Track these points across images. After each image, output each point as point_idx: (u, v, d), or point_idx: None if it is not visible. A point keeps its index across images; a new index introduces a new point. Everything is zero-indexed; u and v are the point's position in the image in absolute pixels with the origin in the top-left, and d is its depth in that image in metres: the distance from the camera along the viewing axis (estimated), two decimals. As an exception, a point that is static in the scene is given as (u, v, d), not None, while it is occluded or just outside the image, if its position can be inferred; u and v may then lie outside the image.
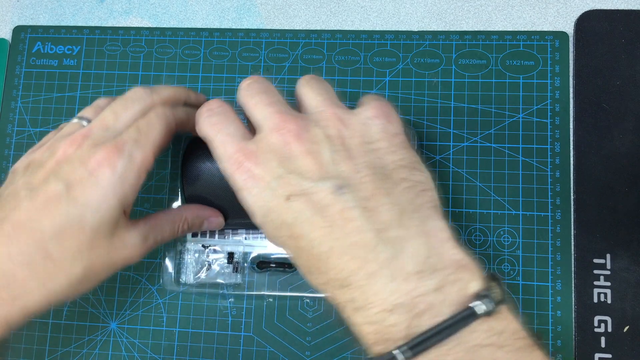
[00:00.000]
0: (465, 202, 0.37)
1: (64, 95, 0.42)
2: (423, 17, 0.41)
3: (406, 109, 0.39)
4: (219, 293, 0.37)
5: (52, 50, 0.43)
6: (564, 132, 0.38)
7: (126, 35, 0.42)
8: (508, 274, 0.36)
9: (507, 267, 0.36)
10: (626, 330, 0.35)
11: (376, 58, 0.40)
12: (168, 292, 0.38)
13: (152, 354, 0.38)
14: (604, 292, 0.35)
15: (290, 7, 0.42)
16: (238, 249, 0.37)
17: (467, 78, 0.39)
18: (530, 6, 0.40)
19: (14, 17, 0.44)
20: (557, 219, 0.37)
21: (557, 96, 0.38)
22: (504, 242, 0.37)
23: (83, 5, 0.44)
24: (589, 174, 0.37)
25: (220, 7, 0.43)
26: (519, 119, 0.38)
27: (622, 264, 0.35)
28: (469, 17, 0.40)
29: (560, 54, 0.39)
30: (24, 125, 0.42)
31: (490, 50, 0.39)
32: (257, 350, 0.37)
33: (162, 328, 0.38)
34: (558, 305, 0.36)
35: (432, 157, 0.38)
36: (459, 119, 0.38)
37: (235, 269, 0.37)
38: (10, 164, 0.41)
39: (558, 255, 0.36)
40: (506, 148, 0.38)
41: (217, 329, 0.38)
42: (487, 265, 0.37)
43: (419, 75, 0.39)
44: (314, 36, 0.41)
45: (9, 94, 0.42)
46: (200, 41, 0.42)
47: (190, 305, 0.38)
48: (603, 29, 0.38)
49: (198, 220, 0.32)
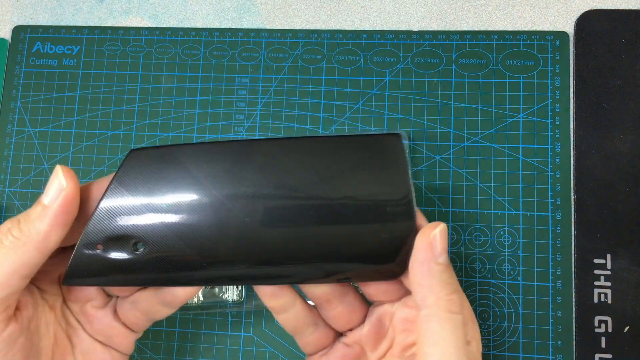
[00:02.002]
0: (466, 202, 0.37)
1: (63, 95, 0.42)
2: (423, 17, 0.40)
3: (406, 109, 0.39)
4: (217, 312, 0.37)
5: (51, 50, 0.43)
6: (565, 132, 0.38)
7: (126, 35, 0.42)
8: (508, 274, 0.36)
9: (507, 267, 0.36)
10: (626, 330, 0.35)
11: (376, 58, 0.40)
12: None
13: (152, 354, 0.38)
14: (604, 292, 0.35)
15: (290, 6, 0.42)
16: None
17: (467, 78, 0.39)
18: (531, 6, 0.40)
19: (13, 17, 0.44)
20: (557, 219, 0.37)
21: (557, 96, 0.38)
22: (505, 242, 0.37)
23: (83, 5, 0.44)
24: (589, 174, 0.37)
25: (220, 7, 0.43)
26: (519, 118, 0.38)
27: (623, 264, 0.35)
28: (469, 16, 0.40)
29: (560, 54, 0.39)
30: (24, 125, 0.42)
31: (491, 50, 0.39)
32: (257, 351, 0.37)
33: (162, 328, 0.38)
34: (558, 305, 0.36)
35: (432, 157, 0.38)
36: (459, 118, 0.38)
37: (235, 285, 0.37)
38: (10, 164, 0.41)
39: (558, 255, 0.36)
40: (506, 148, 0.38)
41: (217, 329, 0.38)
42: (487, 265, 0.37)
43: (419, 75, 0.39)
44: (314, 36, 0.41)
45: (8, 93, 0.42)
46: (200, 41, 0.42)
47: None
48: (603, 28, 0.38)
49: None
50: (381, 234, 0.25)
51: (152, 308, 0.28)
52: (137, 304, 0.28)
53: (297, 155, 0.26)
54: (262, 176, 0.25)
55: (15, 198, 0.41)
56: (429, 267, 0.23)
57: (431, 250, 0.23)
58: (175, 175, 0.25)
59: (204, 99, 0.41)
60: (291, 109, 0.40)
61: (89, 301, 0.28)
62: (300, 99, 0.40)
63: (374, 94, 0.39)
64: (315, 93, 0.40)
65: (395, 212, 0.25)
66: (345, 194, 0.25)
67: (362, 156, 0.26)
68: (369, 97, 0.39)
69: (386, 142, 0.26)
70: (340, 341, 0.28)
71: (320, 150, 0.26)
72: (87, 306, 0.28)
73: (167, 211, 0.25)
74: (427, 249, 0.23)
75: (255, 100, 0.40)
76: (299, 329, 0.28)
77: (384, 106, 0.39)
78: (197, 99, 0.41)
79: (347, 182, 0.25)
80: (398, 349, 0.27)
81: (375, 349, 0.27)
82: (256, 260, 0.25)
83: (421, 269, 0.23)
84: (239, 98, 0.41)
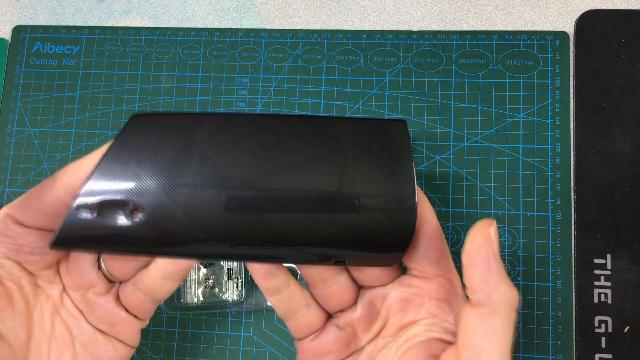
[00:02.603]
0: (466, 202, 0.37)
1: (63, 95, 0.42)
2: (423, 17, 0.40)
3: (406, 108, 0.39)
4: (217, 312, 0.37)
5: (51, 50, 0.43)
6: (565, 132, 0.38)
7: (126, 35, 0.42)
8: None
9: (507, 268, 0.36)
10: (627, 330, 0.35)
11: (376, 58, 0.40)
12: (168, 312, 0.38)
13: (152, 354, 0.38)
14: (604, 292, 0.35)
15: (290, 6, 0.42)
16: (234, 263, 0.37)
17: (467, 78, 0.39)
18: (531, 6, 0.40)
19: (13, 17, 0.44)
20: (557, 219, 0.37)
21: (557, 96, 0.38)
22: (505, 242, 0.37)
23: (83, 5, 0.44)
24: (589, 174, 0.37)
25: (220, 6, 0.43)
26: (519, 118, 0.38)
27: (623, 264, 0.35)
28: (469, 16, 0.40)
29: (560, 54, 0.39)
30: (24, 125, 0.42)
31: (491, 50, 0.39)
32: (257, 351, 0.37)
33: (162, 328, 0.38)
34: (558, 305, 0.36)
35: (432, 157, 0.38)
36: (459, 118, 0.38)
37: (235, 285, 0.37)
38: (9, 164, 0.41)
39: (558, 255, 0.36)
40: (506, 148, 0.38)
41: (217, 329, 0.38)
42: (488, 265, 0.37)
43: (419, 75, 0.39)
44: (314, 36, 0.41)
45: (8, 93, 0.42)
46: (200, 41, 0.42)
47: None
48: (603, 28, 0.38)
49: None
50: (381, 219, 0.25)
51: (154, 284, 0.27)
52: (139, 284, 0.27)
53: (304, 132, 0.25)
54: (266, 151, 0.25)
55: (15, 198, 0.41)
56: (491, 264, 0.23)
57: (492, 247, 0.23)
58: (178, 142, 0.24)
59: (204, 99, 0.41)
60: (291, 109, 0.40)
61: (91, 288, 0.27)
62: (300, 99, 0.40)
63: (374, 94, 0.39)
64: (315, 93, 0.40)
65: (396, 197, 0.25)
66: (347, 176, 0.25)
67: (366, 139, 0.26)
68: (369, 97, 0.39)
69: (392, 127, 0.26)
70: (331, 323, 0.28)
71: (326, 130, 0.26)
72: (89, 293, 0.27)
73: (166, 178, 0.24)
74: (489, 246, 0.23)
75: (255, 100, 0.40)
76: (292, 311, 0.28)
77: (384, 106, 0.39)
78: (197, 99, 0.41)
79: (349, 164, 0.25)
80: (393, 329, 0.27)
81: (368, 330, 0.27)
82: (255, 236, 0.25)
83: (485, 266, 0.23)
84: (239, 98, 0.41)
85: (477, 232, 0.24)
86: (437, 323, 0.26)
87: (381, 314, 0.27)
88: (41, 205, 0.25)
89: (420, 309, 0.26)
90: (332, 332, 0.28)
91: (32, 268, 0.26)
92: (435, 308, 0.26)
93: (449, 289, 0.26)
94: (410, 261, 0.26)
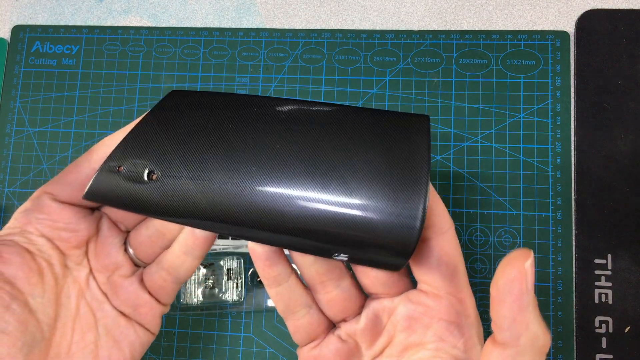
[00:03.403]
0: (466, 202, 0.37)
1: (62, 94, 0.42)
2: (423, 17, 0.40)
3: (407, 108, 0.39)
4: (216, 312, 0.37)
5: (51, 49, 0.43)
6: (565, 131, 0.37)
7: (125, 35, 0.42)
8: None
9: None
10: (627, 330, 0.35)
11: (376, 57, 0.40)
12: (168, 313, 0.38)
13: (152, 354, 0.38)
14: (605, 293, 0.35)
15: (290, 6, 0.42)
16: (234, 264, 0.37)
17: (467, 77, 0.39)
18: (531, 5, 0.40)
19: (12, 17, 0.44)
20: (558, 219, 0.36)
21: (558, 96, 0.38)
22: (505, 242, 0.37)
23: (82, 4, 0.44)
24: (590, 174, 0.37)
25: (219, 6, 0.42)
26: (520, 118, 0.38)
27: (623, 264, 0.35)
28: (469, 16, 0.40)
29: (561, 54, 0.39)
30: (23, 125, 0.42)
31: (491, 49, 0.39)
32: (256, 351, 0.37)
33: (162, 329, 0.38)
34: (559, 305, 0.36)
35: (432, 157, 0.38)
36: (460, 118, 0.38)
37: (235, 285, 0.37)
38: (9, 164, 0.41)
39: (559, 255, 0.36)
40: (507, 148, 0.38)
41: (217, 330, 0.37)
42: (488, 265, 0.36)
43: (419, 75, 0.39)
44: (314, 35, 0.41)
45: (7, 93, 0.42)
46: (200, 40, 0.42)
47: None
48: (604, 28, 0.38)
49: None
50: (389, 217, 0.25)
51: (176, 260, 0.28)
52: (162, 262, 0.28)
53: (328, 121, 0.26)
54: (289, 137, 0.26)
55: (14, 198, 0.40)
56: (524, 302, 0.20)
57: (525, 282, 0.21)
58: (207, 120, 0.26)
59: (204, 98, 0.41)
60: (291, 109, 0.40)
61: (117, 270, 0.28)
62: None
63: (374, 94, 0.39)
64: (315, 93, 0.40)
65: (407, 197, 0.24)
66: (361, 166, 0.25)
67: (386, 132, 0.26)
68: (369, 97, 0.39)
69: (413, 122, 0.26)
70: (334, 334, 0.27)
71: (349, 120, 0.26)
72: (115, 275, 0.28)
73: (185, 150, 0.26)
74: (522, 280, 0.21)
75: (255, 100, 0.40)
76: (292, 308, 0.27)
77: (384, 106, 0.39)
78: (197, 98, 0.41)
79: (364, 155, 0.25)
80: (398, 349, 0.26)
81: (372, 345, 0.27)
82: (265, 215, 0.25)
83: (516, 303, 0.21)
84: (238, 98, 0.41)
85: (510, 264, 0.21)
86: (445, 349, 0.25)
87: (387, 329, 0.26)
88: (77, 177, 0.26)
89: (427, 329, 0.25)
90: (334, 342, 0.27)
91: (63, 246, 0.27)
92: (444, 331, 0.25)
93: (459, 310, 0.25)
94: (420, 272, 0.25)
